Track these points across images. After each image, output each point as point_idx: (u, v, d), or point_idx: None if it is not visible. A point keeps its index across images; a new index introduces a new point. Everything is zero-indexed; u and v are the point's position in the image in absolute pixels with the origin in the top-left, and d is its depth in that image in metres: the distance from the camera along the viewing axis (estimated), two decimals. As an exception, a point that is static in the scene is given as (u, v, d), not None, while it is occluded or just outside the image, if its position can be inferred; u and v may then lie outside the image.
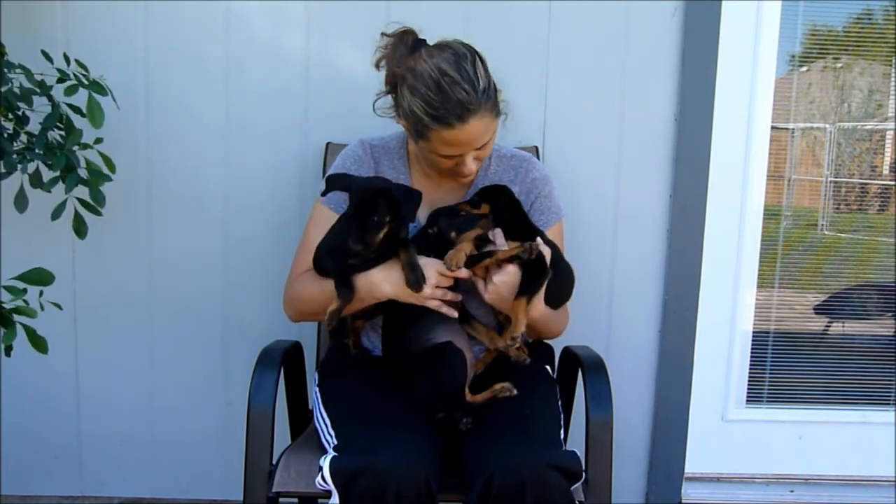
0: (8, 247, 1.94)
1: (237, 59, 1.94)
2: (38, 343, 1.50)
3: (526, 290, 1.39)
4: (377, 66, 1.49)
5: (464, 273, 1.40)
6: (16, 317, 1.46)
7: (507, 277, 1.39)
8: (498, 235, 1.45)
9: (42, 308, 1.50)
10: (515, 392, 1.42)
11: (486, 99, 1.38)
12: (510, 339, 1.40)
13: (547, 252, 1.41)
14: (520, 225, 1.50)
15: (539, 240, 1.41)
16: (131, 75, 1.92)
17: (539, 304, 1.42)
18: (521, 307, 1.38)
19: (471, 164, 1.46)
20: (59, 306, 1.55)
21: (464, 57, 1.39)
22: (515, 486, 1.22)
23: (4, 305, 1.45)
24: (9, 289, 1.45)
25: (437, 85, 1.36)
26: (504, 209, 1.49)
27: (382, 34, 1.49)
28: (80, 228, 1.70)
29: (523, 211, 1.54)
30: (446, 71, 1.36)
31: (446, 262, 1.39)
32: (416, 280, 1.37)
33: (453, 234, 1.43)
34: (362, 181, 1.43)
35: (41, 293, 1.50)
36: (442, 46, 1.41)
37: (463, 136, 1.39)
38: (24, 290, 1.46)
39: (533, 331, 1.57)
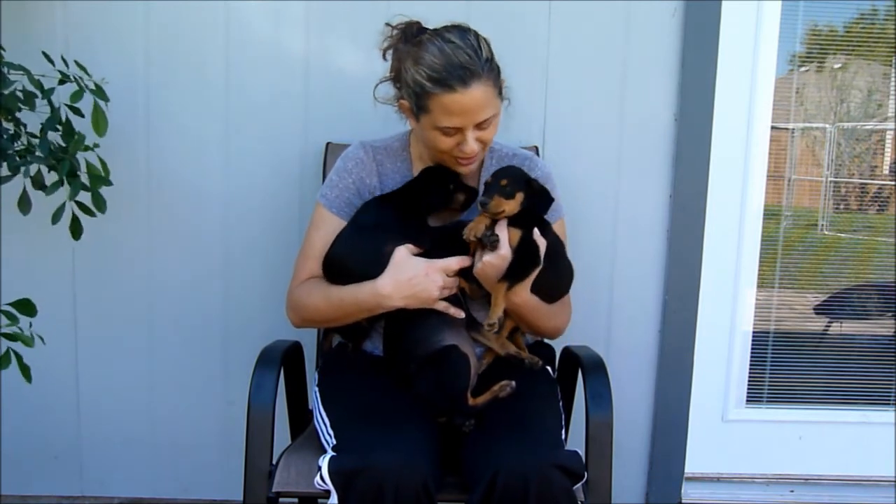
0: (8, 247, 1.95)
1: (237, 59, 1.94)
2: (24, 371, 1.48)
3: (509, 275, 1.39)
4: (384, 54, 1.51)
5: (466, 262, 1.42)
6: (9, 343, 1.45)
7: (497, 260, 1.39)
8: (501, 227, 1.42)
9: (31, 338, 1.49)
10: (514, 384, 1.43)
11: (489, 69, 1.40)
12: (487, 326, 1.39)
13: (542, 243, 1.42)
14: (527, 213, 1.45)
15: (536, 231, 1.42)
16: (131, 75, 1.92)
17: (523, 292, 1.43)
18: (500, 291, 1.39)
19: (472, 143, 1.44)
20: (42, 339, 1.52)
21: (467, 31, 1.43)
22: (519, 486, 1.22)
23: (2, 330, 1.44)
24: (6, 314, 1.44)
25: (440, 51, 1.38)
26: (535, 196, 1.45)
27: (387, 24, 1.51)
28: (75, 230, 1.70)
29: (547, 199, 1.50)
30: (450, 39, 1.40)
31: (465, 232, 1.39)
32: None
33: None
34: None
35: (31, 325, 1.48)
36: (446, 26, 1.45)
37: (466, 101, 1.38)
38: (19, 319, 1.45)
39: (522, 322, 1.54)
